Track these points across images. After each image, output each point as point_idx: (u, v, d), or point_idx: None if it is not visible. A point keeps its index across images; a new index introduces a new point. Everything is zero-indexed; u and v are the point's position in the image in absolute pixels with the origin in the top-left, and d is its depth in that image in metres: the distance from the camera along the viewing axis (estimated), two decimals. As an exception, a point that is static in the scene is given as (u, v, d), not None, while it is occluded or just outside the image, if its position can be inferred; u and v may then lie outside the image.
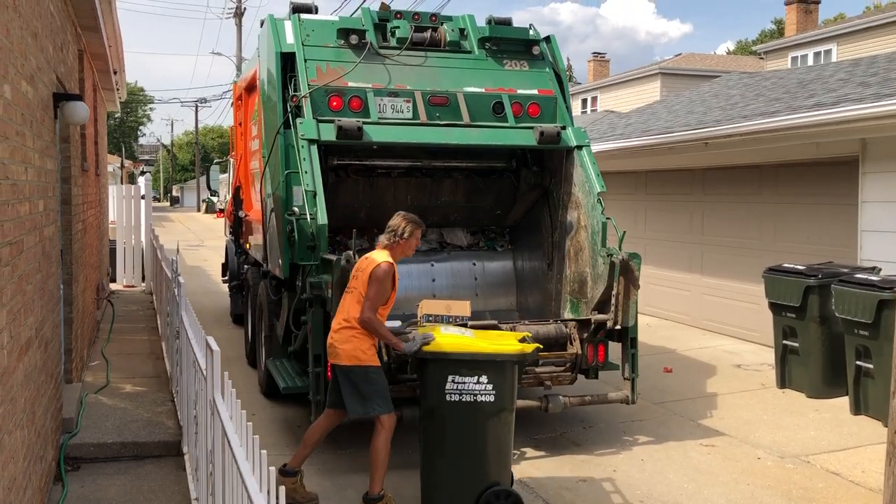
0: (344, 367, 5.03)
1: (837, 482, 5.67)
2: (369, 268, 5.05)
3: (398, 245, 5.20)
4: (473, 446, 4.81)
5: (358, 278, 5.11)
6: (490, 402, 4.77)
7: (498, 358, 4.82)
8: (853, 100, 8.14)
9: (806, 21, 28.82)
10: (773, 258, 9.10)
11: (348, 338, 5.02)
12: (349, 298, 5.13)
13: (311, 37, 7.01)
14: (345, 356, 5.02)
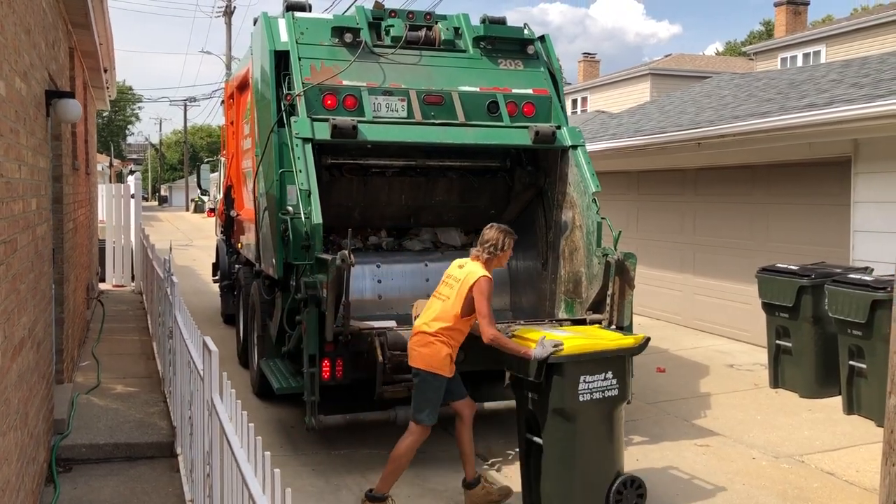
0: (415, 369, 5.13)
1: (832, 482, 5.68)
2: (468, 281, 5.05)
3: (496, 258, 5.21)
4: (604, 440, 4.95)
5: (452, 287, 5.13)
6: (615, 395, 4.93)
7: (620, 353, 4.98)
8: (846, 100, 8.17)
9: (795, 22, 28.96)
10: (765, 258, 9.12)
11: (425, 343, 5.09)
12: (438, 305, 5.16)
13: (305, 35, 6.96)
14: (419, 359, 5.10)
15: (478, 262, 5.17)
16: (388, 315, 7.45)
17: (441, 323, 5.06)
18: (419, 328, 5.16)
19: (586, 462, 4.87)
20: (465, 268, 5.18)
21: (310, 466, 5.96)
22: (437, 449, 6.38)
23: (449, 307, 5.07)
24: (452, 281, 5.17)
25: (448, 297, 5.11)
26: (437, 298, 5.21)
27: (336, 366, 5.86)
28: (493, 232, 5.20)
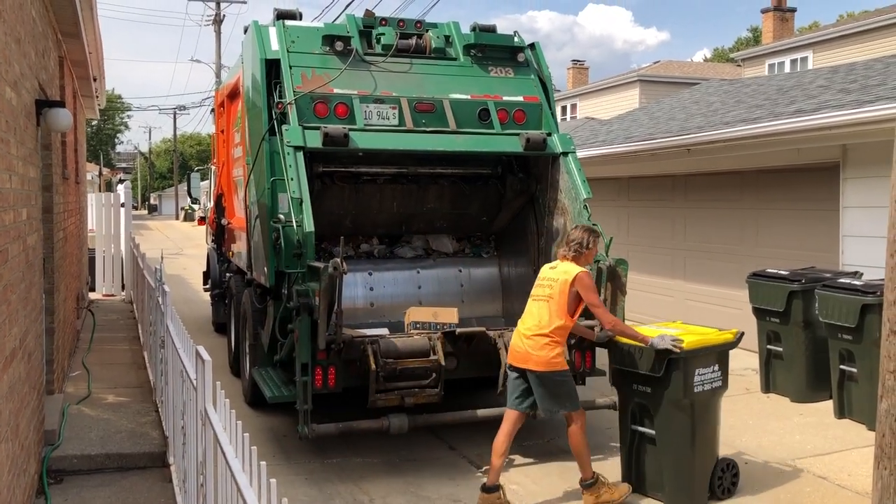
0: (538, 372, 5.30)
1: (825, 486, 5.70)
2: (568, 279, 5.28)
3: (583, 255, 5.46)
4: (710, 428, 5.46)
5: (552, 287, 5.33)
6: (720, 385, 5.46)
7: (724, 347, 5.51)
8: (834, 106, 8.23)
9: (782, 29, 29.16)
10: (755, 263, 9.16)
11: (542, 345, 5.27)
12: (540, 307, 5.36)
13: (296, 43, 6.97)
14: (539, 362, 5.28)
15: (570, 262, 5.44)
16: (381, 322, 7.44)
17: (555, 323, 5.28)
18: (526, 334, 5.35)
19: (698, 449, 5.32)
20: (559, 268, 5.45)
21: (303, 475, 5.94)
22: (431, 456, 6.39)
23: (555, 308, 5.30)
24: (549, 282, 5.40)
25: (551, 297, 5.32)
26: (537, 301, 5.42)
27: (328, 374, 5.85)
28: (579, 232, 5.53)
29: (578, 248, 5.43)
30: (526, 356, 5.33)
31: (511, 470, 6.06)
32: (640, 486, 5.51)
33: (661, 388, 5.24)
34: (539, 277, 5.55)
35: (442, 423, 6.32)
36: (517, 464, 6.20)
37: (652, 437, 5.39)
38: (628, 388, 5.53)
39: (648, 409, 5.40)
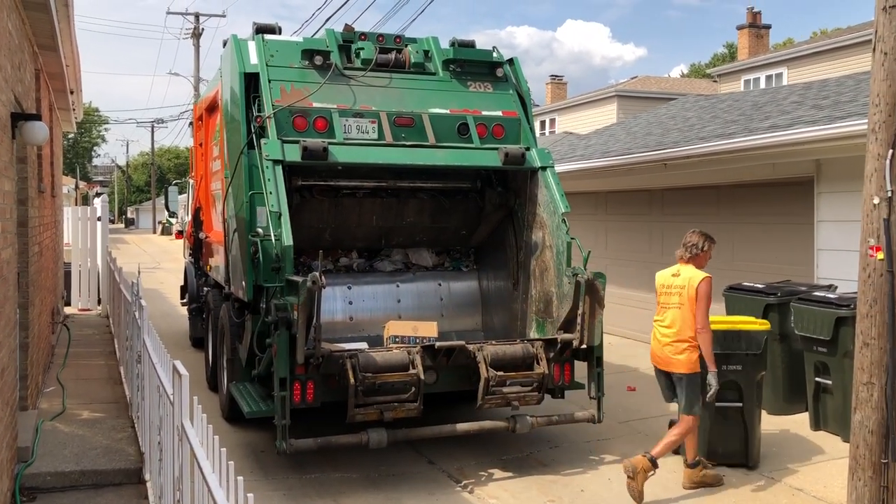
0: (680, 374, 5.72)
1: (801, 497, 5.74)
2: (693, 285, 5.71)
3: (699, 257, 5.88)
4: None
5: (681, 295, 5.76)
6: None
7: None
8: (807, 122, 8.35)
9: (757, 45, 29.59)
10: (732, 277, 9.23)
11: (684, 349, 5.71)
12: (674, 314, 5.79)
13: (275, 57, 6.97)
14: (683, 365, 5.70)
15: (689, 265, 5.85)
16: (360, 337, 7.43)
17: (690, 329, 5.69)
18: (665, 340, 5.80)
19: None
20: (683, 274, 5.85)
21: (281, 491, 5.90)
22: (410, 470, 6.36)
23: (688, 314, 5.71)
24: (677, 290, 5.82)
25: (681, 304, 5.75)
26: (670, 308, 5.84)
27: (307, 389, 5.82)
28: (695, 237, 5.95)
29: (695, 251, 5.87)
30: (668, 361, 5.81)
31: (490, 484, 6.06)
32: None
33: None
34: (663, 285, 5.94)
35: (421, 438, 6.30)
36: (496, 478, 6.19)
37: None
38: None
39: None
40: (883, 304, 4.58)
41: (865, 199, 4.74)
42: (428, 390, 6.27)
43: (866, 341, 4.68)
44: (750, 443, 6.31)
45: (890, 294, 4.55)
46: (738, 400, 6.30)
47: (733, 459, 6.31)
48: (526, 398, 6.27)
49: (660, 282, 6.02)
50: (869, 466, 4.63)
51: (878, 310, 4.60)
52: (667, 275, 5.98)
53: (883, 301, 4.58)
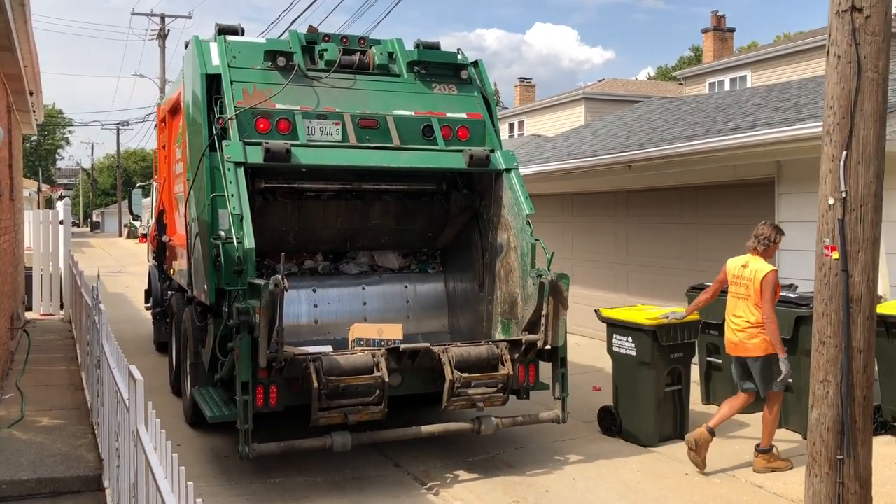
0: (756, 358, 6.21)
1: (762, 495, 5.82)
2: (759, 277, 6.15)
3: (769, 248, 6.32)
4: None
5: (748, 286, 6.21)
6: None
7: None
8: (768, 124, 8.47)
9: (722, 48, 29.98)
10: (695, 277, 9.33)
11: (755, 335, 6.18)
12: (741, 303, 6.27)
13: (237, 58, 6.91)
14: (757, 349, 6.19)
15: (758, 257, 6.27)
16: (325, 340, 7.39)
17: (754, 319, 6.16)
18: (736, 328, 6.29)
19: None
20: (750, 265, 6.26)
21: (244, 496, 5.84)
22: (376, 473, 6.34)
23: (753, 303, 6.16)
24: (745, 281, 6.24)
25: (748, 295, 6.19)
26: (739, 298, 6.30)
27: (270, 393, 5.77)
28: (766, 228, 6.36)
29: (766, 242, 6.28)
30: (744, 347, 6.25)
31: (455, 486, 6.06)
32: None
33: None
34: (734, 275, 6.36)
35: (386, 441, 6.28)
36: (462, 480, 6.19)
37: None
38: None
39: None
40: (838, 303, 4.65)
41: (821, 200, 4.81)
42: (393, 393, 6.25)
43: (822, 340, 4.75)
44: (684, 421, 7.11)
45: (845, 293, 4.62)
46: (678, 384, 7.05)
47: (671, 436, 6.99)
48: (491, 399, 6.28)
49: (730, 271, 6.44)
50: (825, 462, 4.70)
51: (833, 308, 4.67)
52: (737, 265, 6.38)
53: (838, 300, 4.65)
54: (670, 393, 7.06)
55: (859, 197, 4.63)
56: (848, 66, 4.64)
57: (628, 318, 7.10)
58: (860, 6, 4.58)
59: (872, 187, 4.66)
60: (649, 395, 6.93)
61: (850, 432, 4.62)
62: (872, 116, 4.64)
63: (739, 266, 6.37)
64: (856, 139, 4.63)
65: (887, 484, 5.89)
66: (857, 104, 4.62)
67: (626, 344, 7.07)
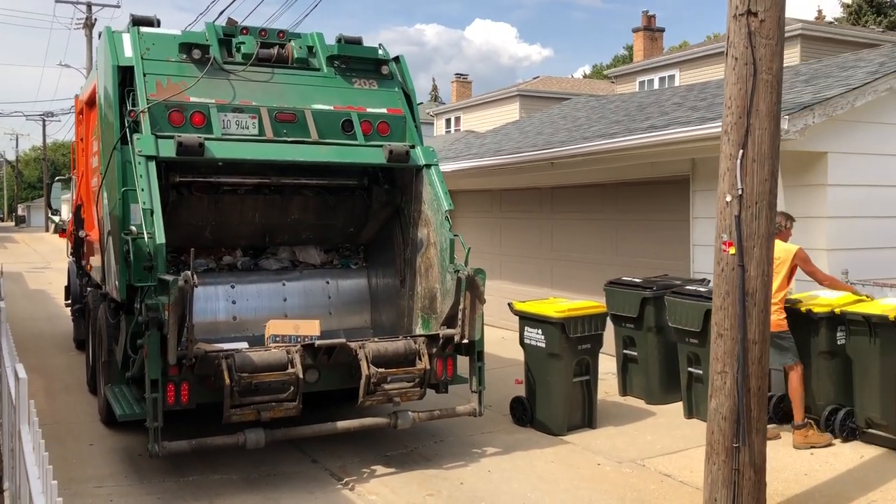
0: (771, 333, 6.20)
1: (669, 483, 5.99)
2: (788, 257, 6.68)
3: (781, 233, 6.71)
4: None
5: (774, 264, 6.21)
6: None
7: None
8: (682, 123, 8.70)
9: (652, 48, 30.60)
10: (616, 272, 9.54)
11: (775, 311, 6.35)
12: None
13: (151, 50, 6.79)
14: (773, 325, 6.05)
15: (779, 240, 6.49)
16: (244, 336, 7.31)
17: (780, 292, 6.58)
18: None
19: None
20: (777, 247, 6.30)
21: (155, 495, 5.76)
22: (292, 470, 6.32)
23: (778, 280, 6.47)
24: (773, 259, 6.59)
25: (775, 273, 6.20)
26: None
27: (181, 390, 5.69)
28: (778, 216, 6.48)
29: (779, 227, 6.57)
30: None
31: (372, 481, 6.07)
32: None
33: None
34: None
35: (301, 437, 6.25)
36: (378, 474, 6.21)
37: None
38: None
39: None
40: (735, 296, 4.82)
41: (720, 197, 4.99)
42: (310, 389, 6.23)
43: (720, 332, 4.92)
44: (592, 410, 7.36)
45: (741, 287, 4.80)
46: (586, 374, 7.27)
47: (580, 425, 7.27)
48: (408, 394, 6.31)
49: None
50: (722, 450, 4.88)
51: (730, 302, 4.85)
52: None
53: (735, 294, 4.83)
54: (579, 383, 7.21)
55: (755, 194, 4.82)
56: (745, 68, 4.81)
57: (538, 311, 7.23)
58: (755, 10, 4.76)
59: (767, 185, 4.85)
60: (559, 386, 7.07)
61: (745, 421, 4.81)
62: (767, 116, 4.83)
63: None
64: (752, 138, 4.81)
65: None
66: (752, 105, 4.80)
67: (536, 336, 7.20)
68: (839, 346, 6.74)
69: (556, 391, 7.11)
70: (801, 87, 8.71)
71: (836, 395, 6.83)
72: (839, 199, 7.78)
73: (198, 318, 7.18)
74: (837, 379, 6.80)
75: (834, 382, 6.80)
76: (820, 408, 6.85)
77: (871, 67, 8.62)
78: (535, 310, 7.29)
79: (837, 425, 6.73)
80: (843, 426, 6.72)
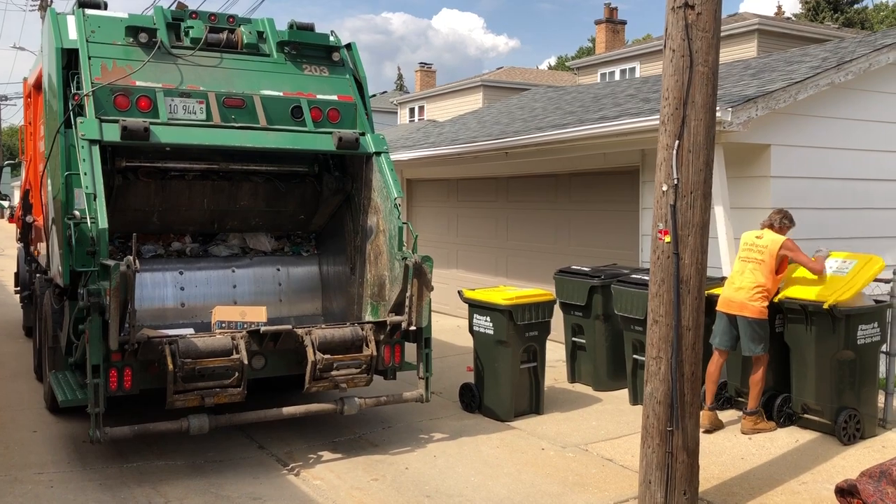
0: (750, 318, 6.67)
1: (610, 467, 6.11)
2: (775, 246, 6.67)
3: (781, 228, 6.79)
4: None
5: (762, 252, 6.70)
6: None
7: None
8: (633, 114, 8.82)
9: (614, 40, 30.84)
10: (568, 261, 9.65)
11: (756, 297, 6.65)
12: (754, 267, 6.72)
13: (96, 33, 6.70)
14: (754, 311, 6.66)
15: (767, 230, 6.79)
16: (193, 323, 7.28)
17: (769, 281, 6.65)
18: (748, 287, 6.69)
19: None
20: (765, 237, 6.76)
21: (97, 481, 5.72)
22: (238, 456, 6.32)
23: (766, 269, 6.65)
24: (759, 248, 6.75)
25: (763, 260, 6.67)
26: (750, 262, 6.75)
27: (124, 376, 5.67)
28: (777, 214, 6.88)
29: (781, 223, 6.78)
30: (742, 306, 6.69)
31: (318, 466, 6.11)
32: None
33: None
34: (747, 244, 6.85)
35: (246, 423, 6.26)
36: (325, 460, 6.25)
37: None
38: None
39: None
40: (669, 283, 4.94)
41: (657, 187, 5.09)
42: (256, 375, 6.25)
43: (655, 318, 5.03)
44: (539, 396, 7.49)
45: (675, 275, 4.91)
46: (533, 361, 7.41)
47: (528, 411, 7.39)
48: (354, 380, 6.34)
49: (745, 241, 6.92)
50: (657, 434, 4.99)
51: (665, 289, 4.96)
52: (752, 236, 6.87)
53: (669, 281, 4.94)
54: (526, 370, 7.32)
55: (690, 184, 4.93)
56: (681, 60, 4.91)
57: (486, 298, 7.31)
58: (692, 3, 4.86)
59: (702, 175, 4.96)
60: (506, 372, 7.16)
61: (679, 406, 4.92)
62: (703, 108, 4.93)
63: (754, 237, 6.87)
64: (687, 129, 4.92)
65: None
66: (688, 96, 4.91)
67: (484, 323, 7.27)
68: (777, 334, 6.91)
69: (503, 378, 7.20)
70: (748, 81, 8.87)
71: (774, 382, 7.00)
72: (782, 190, 7.96)
73: (146, 305, 7.21)
74: (776, 367, 6.98)
75: (772, 370, 6.98)
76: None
77: (815, 62, 8.82)
78: (484, 297, 7.36)
79: (775, 411, 6.92)
80: (780, 412, 6.91)
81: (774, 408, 6.90)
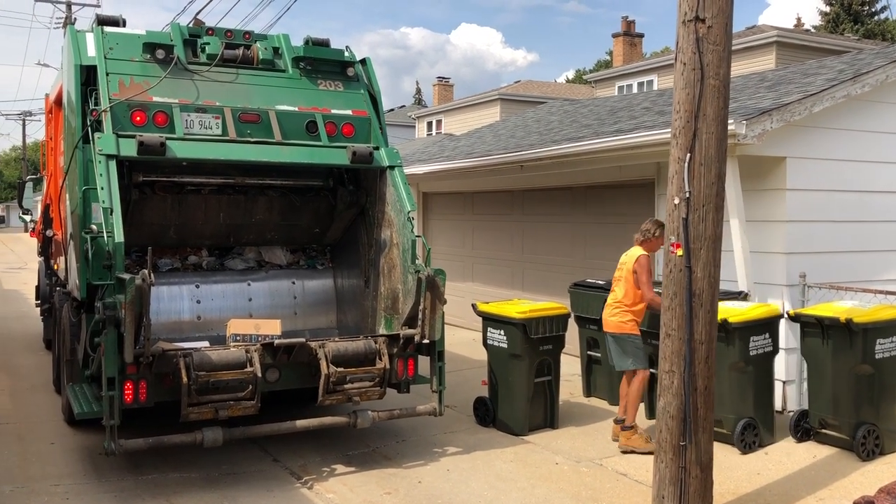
0: (609, 334, 6.83)
1: (624, 482, 6.06)
2: (631, 262, 6.71)
3: (649, 241, 6.79)
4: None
5: (622, 269, 6.83)
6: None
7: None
8: (647, 127, 8.79)
9: (632, 53, 30.81)
10: (584, 274, 9.61)
11: (616, 312, 6.77)
12: (617, 284, 6.86)
13: (114, 50, 6.81)
14: (613, 326, 6.78)
15: (638, 247, 6.80)
16: (208, 336, 7.33)
17: (627, 297, 6.71)
18: (609, 303, 6.89)
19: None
20: (629, 252, 6.85)
21: (112, 493, 5.77)
22: (252, 469, 6.35)
23: (625, 284, 6.73)
24: (621, 264, 6.87)
25: (621, 277, 6.81)
26: (616, 280, 6.90)
27: (139, 388, 5.71)
28: (648, 223, 6.89)
29: (647, 234, 6.79)
30: (605, 322, 6.87)
31: (331, 479, 6.12)
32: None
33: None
34: (619, 262, 6.96)
35: (259, 435, 6.29)
36: (338, 473, 6.26)
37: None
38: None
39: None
40: (682, 297, 4.91)
41: (668, 200, 5.08)
42: (270, 388, 6.28)
43: (668, 332, 5.00)
44: (554, 410, 7.47)
45: (688, 288, 4.88)
46: (548, 375, 7.39)
47: (542, 425, 7.37)
48: (367, 393, 6.35)
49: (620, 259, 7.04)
50: (670, 449, 4.95)
51: (678, 303, 4.93)
52: (623, 254, 6.97)
53: (682, 294, 4.91)
54: (540, 384, 7.29)
55: (702, 197, 4.91)
56: (692, 73, 4.91)
57: (500, 311, 7.30)
58: (703, 16, 4.85)
59: (714, 188, 4.94)
60: (520, 386, 7.14)
61: (692, 420, 4.88)
62: (715, 121, 4.93)
63: (623, 254, 6.97)
64: (699, 142, 4.91)
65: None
66: (700, 109, 4.91)
67: (498, 337, 7.26)
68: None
69: (517, 391, 7.18)
70: (764, 93, 8.83)
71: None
72: (798, 203, 7.90)
73: (163, 318, 7.28)
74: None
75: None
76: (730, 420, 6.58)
77: (831, 74, 8.76)
78: (498, 311, 7.35)
79: (792, 426, 6.84)
80: (797, 427, 6.83)
81: (792, 422, 6.82)
